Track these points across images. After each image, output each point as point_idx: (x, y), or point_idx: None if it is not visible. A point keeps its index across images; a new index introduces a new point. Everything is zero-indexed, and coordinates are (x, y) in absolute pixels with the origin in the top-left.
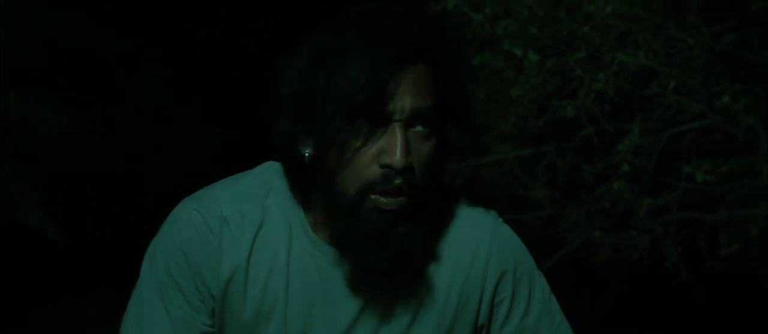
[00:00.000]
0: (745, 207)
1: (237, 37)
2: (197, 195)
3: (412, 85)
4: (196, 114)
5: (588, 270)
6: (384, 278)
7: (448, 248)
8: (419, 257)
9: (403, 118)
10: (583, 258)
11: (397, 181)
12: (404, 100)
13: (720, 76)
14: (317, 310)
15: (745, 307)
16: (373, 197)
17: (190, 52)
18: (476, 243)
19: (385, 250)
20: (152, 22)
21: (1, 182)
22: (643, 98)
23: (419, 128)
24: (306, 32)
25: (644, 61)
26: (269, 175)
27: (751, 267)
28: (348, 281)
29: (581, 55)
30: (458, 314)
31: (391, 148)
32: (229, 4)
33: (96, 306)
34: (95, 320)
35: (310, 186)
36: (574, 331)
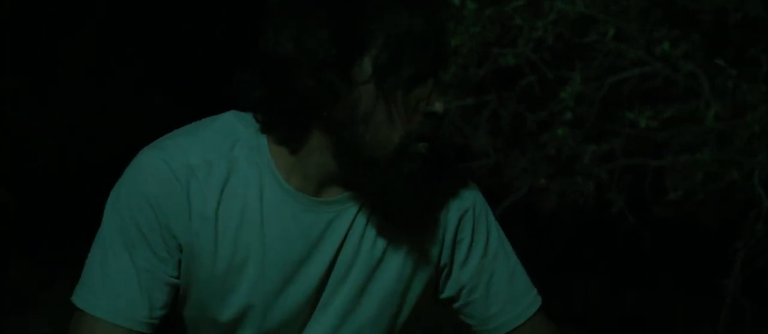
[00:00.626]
0: (688, 153)
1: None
2: (161, 144)
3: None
4: (139, 76)
5: (535, 217)
6: (402, 222)
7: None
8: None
9: (440, 66)
10: (529, 205)
11: (438, 128)
12: (443, 48)
13: (657, 23)
14: (295, 256)
15: (690, 251)
16: (419, 144)
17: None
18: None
19: (419, 195)
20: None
21: None
22: (583, 46)
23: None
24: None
25: (582, 9)
26: (233, 124)
27: (695, 212)
28: (312, 226)
29: (520, 3)
30: (420, 255)
31: (432, 96)
32: None
33: (44, 267)
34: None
35: (300, 136)
36: None
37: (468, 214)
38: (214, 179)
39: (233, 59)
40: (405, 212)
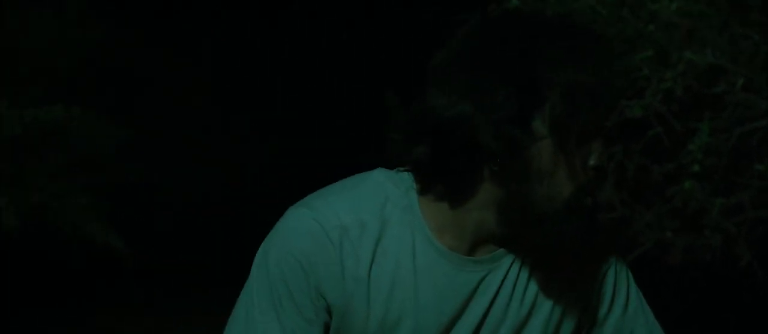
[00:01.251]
0: None
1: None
2: (310, 203)
3: None
4: (245, 125)
5: (661, 271)
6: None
7: None
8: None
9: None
10: (655, 259)
11: (601, 182)
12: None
13: None
14: (448, 317)
15: None
16: (587, 198)
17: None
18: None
19: (577, 249)
20: (197, 32)
21: (65, 196)
22: (712, 96)
23: None
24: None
25: (712, 59)
26: (382, 182)
27: None
28: (463, 283)
29: (648, 54)
30: (565, 310)
31: (598, 152)
32: (269, 14)
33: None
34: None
35: (468, 190)
36: None
37: (610, 270)
38: (366, 239)
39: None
40: (561, 266)
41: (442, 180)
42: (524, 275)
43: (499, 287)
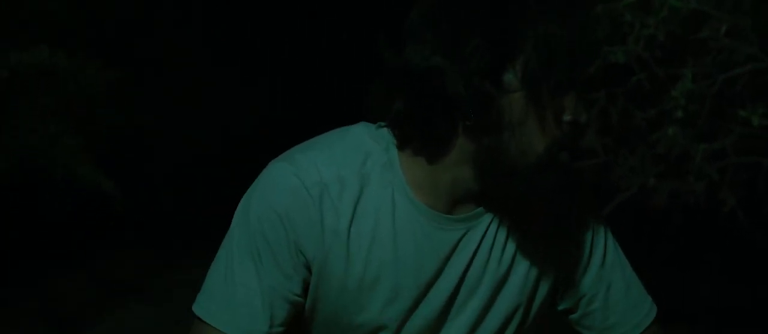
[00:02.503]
0: None
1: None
2: (292, 158)
3: None
4: (237, 76)
5: (645, 216)
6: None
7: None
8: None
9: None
10: (639, 204)
11: (581, 138)
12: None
13: None
14: (428, 275)
15: None
16: (561, 154)
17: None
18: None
19: (555, 205)
20: None
21: (56, 139)
22: (695, 42)
23: None
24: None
25: (695, 4)
26: (364, 138)
27: None
28: (444, 242)
29: (630, 0)
30: (542, 268)
31: (575, 105)
32: None
33: (149, 261)
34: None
35: (443, 145)
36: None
37: (588, 227)
38: (347, 196)
39: (332, 61)
40: (538, 223)
41: (418, 134)
42: (502, 233)
43: (478, 246)
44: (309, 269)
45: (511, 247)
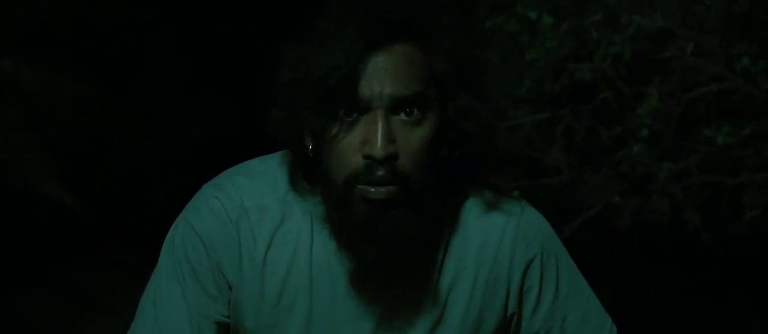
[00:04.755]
0: (767, 170)
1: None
2: (219, 182)
3: (393, 69)
4: (212, 87)
5: (609, 234)
6: (390, 272)
7: (470, 239)
8: (426, 248)
9: (383, 105)
10: (604, 222)
11: (380, 172)
12: (383, 86)
13: (737, 38)
14: (343, 307)
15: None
16: (359, 187)
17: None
18: (501, 232)
19: (377, 241)
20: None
21: (19, 152)
22: (661, 61)
23: (403, 116)
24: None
25: (661, 22)
26: (288, 165)
27: None
28: (353, 276)
29: (597, 17)
30: (485, 306)
31: (371, 137)
32: None
33: (114, 275)
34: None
35: (312, 178)
36: (597, 296)
37: (535, 260)
38: (266, 223)
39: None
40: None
41: (304, 170)
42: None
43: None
44: (231, 289)
45: (445, 283)
